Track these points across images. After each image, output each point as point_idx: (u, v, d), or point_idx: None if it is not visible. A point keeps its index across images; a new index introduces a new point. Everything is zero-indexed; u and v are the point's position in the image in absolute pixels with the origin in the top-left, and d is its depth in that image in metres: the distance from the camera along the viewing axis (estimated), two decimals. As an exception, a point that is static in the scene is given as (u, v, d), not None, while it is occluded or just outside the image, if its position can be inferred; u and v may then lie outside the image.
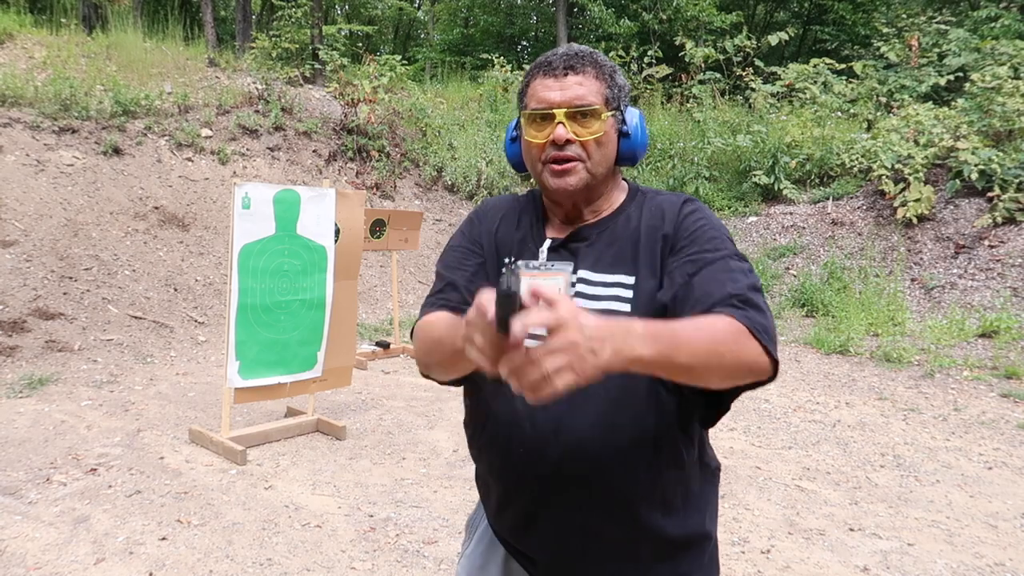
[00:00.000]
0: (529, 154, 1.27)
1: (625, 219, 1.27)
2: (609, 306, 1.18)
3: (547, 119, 1.21)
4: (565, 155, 1.20)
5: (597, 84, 1.22)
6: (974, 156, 8.17)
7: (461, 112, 11.46)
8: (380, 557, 2.90)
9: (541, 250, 1.28)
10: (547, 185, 1.24)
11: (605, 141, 1.23)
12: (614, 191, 1.31)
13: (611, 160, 1.26)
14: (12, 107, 7.36)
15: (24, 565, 2.72)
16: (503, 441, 1.22)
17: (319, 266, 4.19)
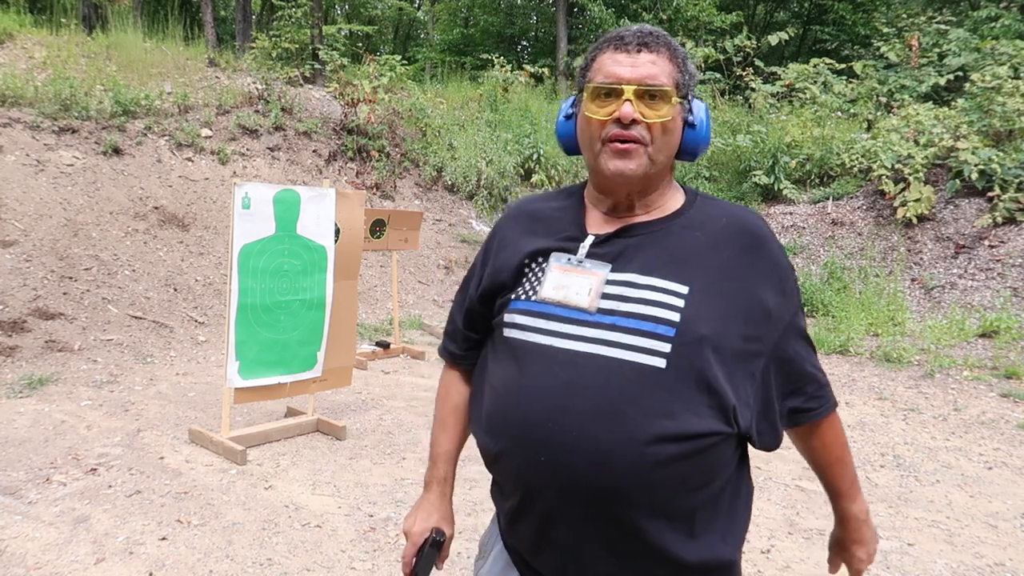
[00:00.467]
0: (587, 131, 1.17)
1: (685, 222, 1.18)
2: (655, 312, 1.09)
3: (613, 95, 1.13)
4: (628, 134, 1.12)
5: (670, 67, 1.15)
6: (974, 156, 8.17)
7: (461, 112, 11.46)
8: (380, 557, 2.90)
9: (582, 245, 1.19)
10: (603, 168, 1.15)
11: (672, 128, 1.15)
12: (669, 189, 1.23)
13: (674, 150, 1.18)
14: (12, 107, 7.36)
15: (24, 565, 2.72)
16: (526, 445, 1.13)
17: (319, 266, 4.19)
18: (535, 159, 10.73)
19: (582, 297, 1.13)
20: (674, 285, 1.11)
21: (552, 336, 1.13)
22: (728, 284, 1.12)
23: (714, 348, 1.08)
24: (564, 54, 16.83)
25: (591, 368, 1.08)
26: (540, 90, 13.27)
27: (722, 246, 1.15)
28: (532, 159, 10.71)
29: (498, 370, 1.22)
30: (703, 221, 1.18)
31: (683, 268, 1.13)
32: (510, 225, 1.31)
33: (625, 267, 1.14)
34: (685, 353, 1.07)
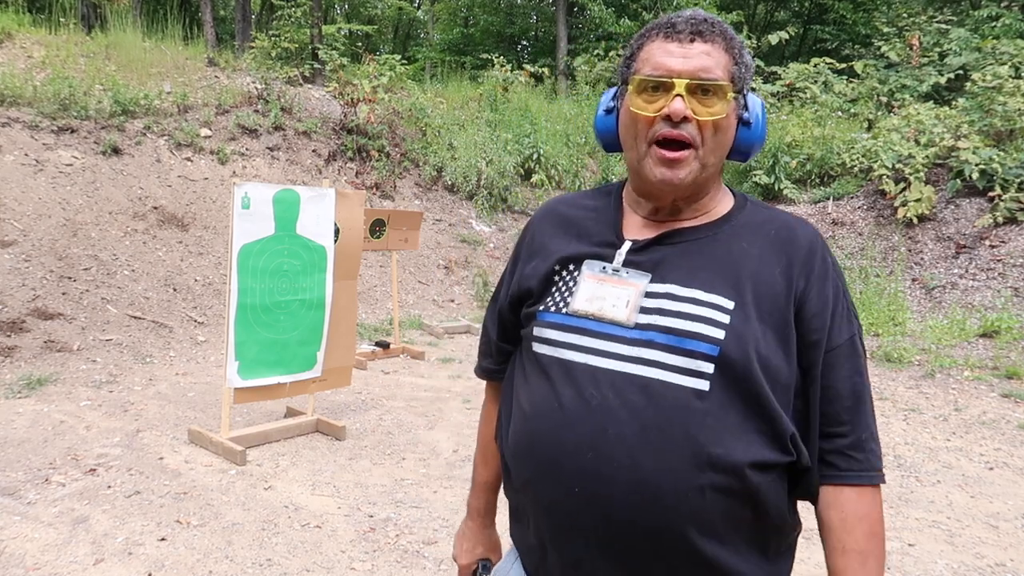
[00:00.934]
0: (632, 128, 1.05)
1: (732, 230, 1.08)
2: (697, 328, 0.99)
3: (663, 89, 1.01)
4: (678, 134, 1.01)
5: (725, 58, 1.04)
6: (975, 156, 8.16)
7: (461, 112, 11.45)
8: (380, 557, 2.89)
9: (619, 252, 1.08)
10: (648, 174, 1.04)
11: (725, 126, 1.04)
12: (719, 191, 1.12)
13: (726, 150, 1.07)
14: (11, 107, 7.35)
15: (23, 565, 2.71)
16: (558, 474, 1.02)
17: (319, 266, 4.18)
18: (535, 159, 10.72)
19: (619, 310, 1.04)
20: (719, 299, 1.01)
21: (586, 353, 1.04)
22: (774, 301, 1.02)
23: (763, 370, 0.98)
24: (564, 54, 16.82)
25: (630, 390, 0.99)
26: (540, 90, 13.26)
27: (770, 259, 1.05)
28: (532, 159, 10.70)
29: (526, 388, 1.12)
30: (752, 229, 1.08)
31: (729, 280, 1.03)
32: (541, 226, 1.22)
33: (666, 277, 1.05)
34: (730, 374, 0.97)
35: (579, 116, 12.24)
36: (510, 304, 1.20)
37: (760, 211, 1.12)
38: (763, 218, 1.10)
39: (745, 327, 0.99)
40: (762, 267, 1.04)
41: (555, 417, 1.03)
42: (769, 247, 1.06)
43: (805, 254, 1.06)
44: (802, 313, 1.02)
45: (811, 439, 1.03)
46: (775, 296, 1.02)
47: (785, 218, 1.11)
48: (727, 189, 1.15)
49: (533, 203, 10.49)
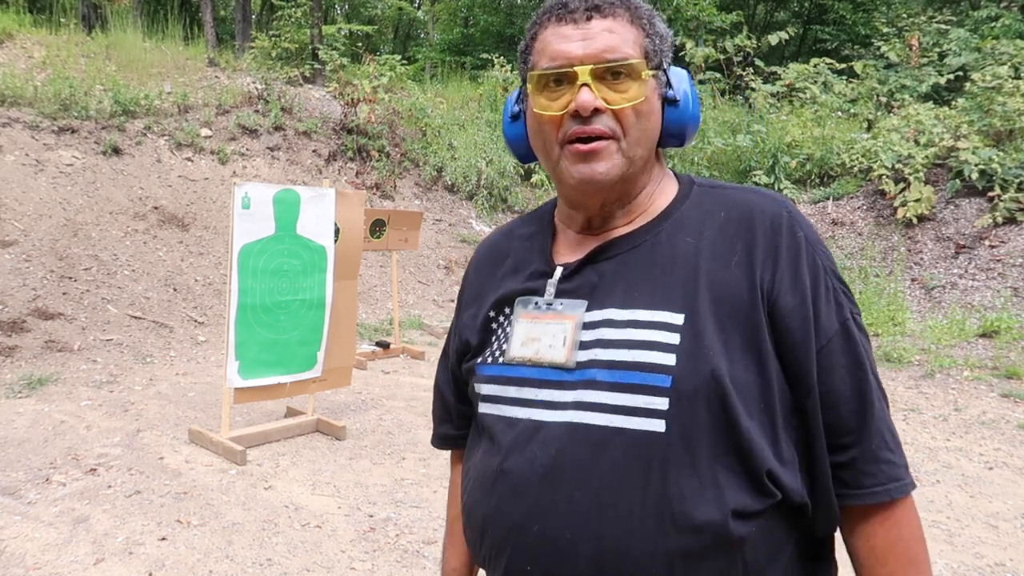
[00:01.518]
0: (540, 134, 0.91)
1: (674, 226, 0.91)
2: (643, 356, 0.83)
3: (565, 81, 0.87)
4: (592, 130, 0.85)
5: (633, 31, 0.88)
6: (974, 156, 8.16)
7: (461, 112, 11.45)
8: (380, 557, 2.90)
9: (549, 283, 0.94)
10: (567, 176, 0.89)
11: (647, 110, 0.88)
12: (659, 184, 0.95)
13: (654, 137, 0.91)
14: (11, 107, 7.35)
15: (24, 565, 2.72)
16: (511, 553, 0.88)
17: (319, 266, 4.19)
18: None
19: (556, 350, 0.89)
20: (663, 315, 0.84)
21: (527, 407, 0.90)
22: (734, 302, 0.84)
23: (727, 393, 0.81)
24: (564, 54, 16.81)
25: (577, 443, 0.84)
26: (540, 90, 13.24)
27: (723, 250, 0.87)
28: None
29: (474, 453, 0.99)
30: (698, 219, 0.91)
31: (674, 289, 0.86)
32: (478, 268, 1.08)
33: (604, 301, 0.89)
34: (689, 406, 0.81)
35: (579, 116, 12.22)
36: (457, 360, 1.06)
37: (708, 194, 0.94)
38: (711, 201, 0.92)
39: (700, 344, 0.82)
40: (714, 263, 0.86)
41: (500, 487, 0.89)
42: (720, 236, 0.88)
43: (767, 233, 0.87)
44: (776, 309, 0.84)
45: (818, 463, 0.86)
46: (734, 296, 0.84)
47: (739, 195, 0.92)
48: (672, 176, 0.98)
49: (533, 203, 10.50)
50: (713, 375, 0.81)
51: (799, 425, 0.86)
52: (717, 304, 0.84)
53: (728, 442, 0.82)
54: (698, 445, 0.82)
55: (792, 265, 0.86)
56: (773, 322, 0.84)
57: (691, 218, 0.91)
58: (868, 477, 0.85)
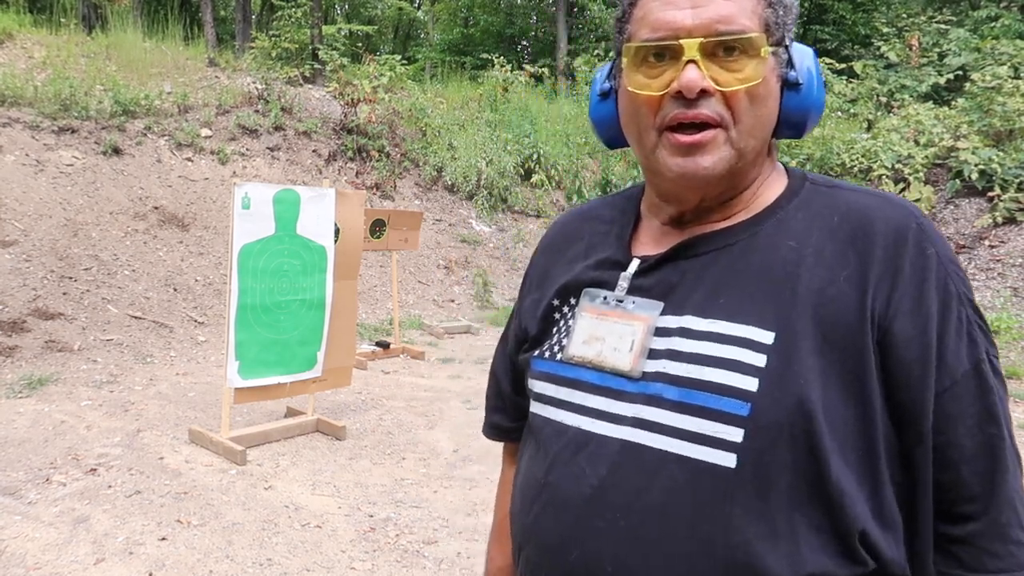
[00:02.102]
0: (634, 116, 0.78)
1: (777, 227, 0.77)
2: (720, 376, 0.71)
3: (668, 56, 0.74)
4: (696, 115, 0.73)
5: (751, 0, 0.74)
6: (974, 156, 8.17)
7: (461, 112, 11.46)
8: (380, 557, 2.90)
9: (623, 276, 0.83)
10: (663, 169, 0.76)
11: (763, 94, 0.75)
12: (766, 179, 0.82)
13: (769, 126, 0.77)
14: (12, 107, 7.35)
15: (24, 565, 2.72)
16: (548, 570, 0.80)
17: (319, 266, 4.19)
18: (535, 159, 10.73)
19: (621, 355, 0.78)
20: (750, 331, 0.72)
21: (578, 413, 0.80)
22: (838, 323, 0.70)
23: (817, 430, 0.68)
24: (564, 54, 16.84)
25: (630, 466, 0.74)
26: (540, 90, 13.27)
27: (832, 260, 0.73)
28: (532, 159, 10.71)
29: (524, 455, 0.90)
30: (806, 221, 0.77)
31: (767, 301, 0.73)
32: (548, 247, 0.98)
33: (682, 305, 0.77)
34: (768, 441, 0.69)
35: (579, 116, 12.24)
36: (515, 348, 0.97)
37: (821, 193, 0.79)
38: (824, 203, 0.78)
39: (790, 370, 0.69)
40: (819, 274, 0.73)
41: (542, 500, 0.80)
42: (830, 243, 0.74)
43: (888, 247, 0.72)
44: (889, 337, 0.70)
45: (920, 531, 0.72)
46: (840, 315, 0.70)
47: (858, 198, 0.77)
48: (781, 170, 0.84)
49: (533, 203, 10.50)
50: (801, 407, 0.68)
51: (905, 481, 0.72)
52: (818, 324, 0.71)
53: (813, 490, 0.68)
54: (774, 489, 0.69)
55: (916, 287, 0.71)
56: (884, 352, 0.70)
57: (797, 219, 0.77)
58: (993, 559, 0.70)
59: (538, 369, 0.87)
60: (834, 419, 0.69)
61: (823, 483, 0.68)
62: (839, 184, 0.81)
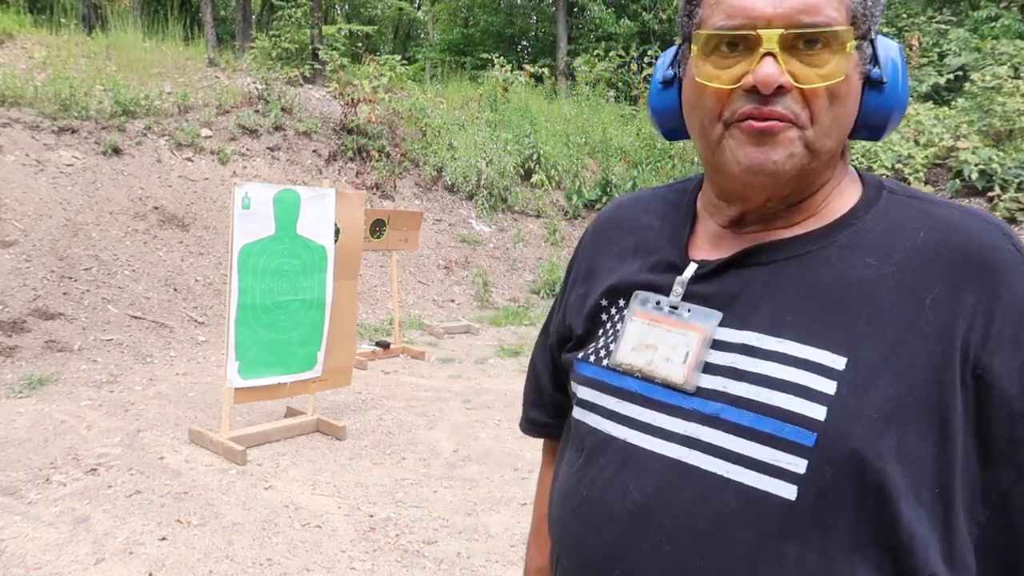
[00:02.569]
0: (699, 108, 0.72)
1: (852, 240, 0.71)
2: (787, 402, 0.66)
3: (742, 46, 0.68)
4: (771, 112, 0.67)
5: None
6: (974, 156, 8.17)
7: (461, 112, 11.46)
8: (380, 557, 2.90)
9: (678, 280, 0.77)
10: (729, 162, 0.70)
11: (844, 93, 0.68)
12: (838, 184, 0.75)
13: (847, 127, 0.71)
14: (12, 107, 7.35)
15: (24, 565, 2.72)
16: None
17: (319, 266, 4.19)
18: (535, 159, 10.73)
19: (674, 366, 0.73)
20: (821, 354, 0.66)
21: (627, 426, 0.76)
22: (919, 354, 0.64)
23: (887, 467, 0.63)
24: (564, 54, 16.84)
25: (680, 486, 0.70)
26: (540, 90, 13.27)
27: (915, 281, 0.67)
28: (532, 159, 10.71)
29: (564, 457, 0.86)
30: (886, 236, 0.70)
31: (839, 324, 0.67)
32: (595, 238, 0.92)
33: (745, 319, 0.72)
34: (833, 475, 0.64)
35: (579, 116, 12.25)
36: (558, 344, 0.93)
37: (902, 205, 0.72)
38: (906, 215, 0.71)
39: (863, 399, 0.64)
40: (900, 297, 0.66)
41: (583, 514, 0.77)
42: (913, 263, 0.67)
43: (982, 271, 0.65)
44: (988, 373, 0.64)
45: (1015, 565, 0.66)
46: (922, 344, 0.64)
47: (944, 213, 0.70)
48: (855, 175, 0.77)
49: (533, 203, 10.51)
50: (872, 441, 0.63)
51: (994, 522, 0.66)
52: (897, 352, 0.64)
53: (879, 530, 0.63)
54: (836, 526, 0.64)
55: (1018, 318, 0.64)
56: (978, 387, 0.64)
57: (876, 233, 0.70)
58: None
59: (582, 373, 0.82)
60: (908, 456, 0.63)
61: (892, 524, 0.63)
62: (920, 195, 0.74)
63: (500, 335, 7.17)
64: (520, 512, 3.35)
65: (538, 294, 8.92)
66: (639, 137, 11.98)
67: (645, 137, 11.85)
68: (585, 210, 10.82)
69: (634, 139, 11.97)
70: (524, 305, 8.54)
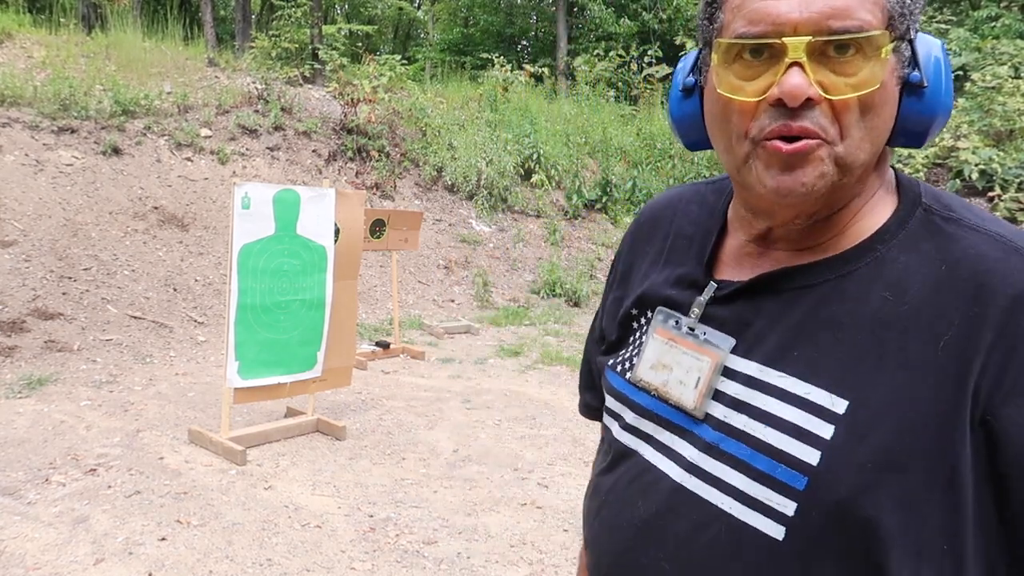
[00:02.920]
0: (723, 123, 0.68)
1: (873, 269, 0.66)
2: (782, 443, 0.65)
3: (767, 54, 0.63)
4: (800, 128, 0.62)
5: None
6: (974, 156, 8.17)
7: (461, 112, 11.45)
8: (380, 557, 2.89)
9: (698, 300, 0.76)
10: (756, 184, 0.66)
11: (879, 102, 0.63)
12: (872, 196, 0.70)
13: (883, 137, 0.65)
14: (11, 107, 7.35)
15: (23, 565, 2.71)
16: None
17: (319, 266, 4.18)
18: (535, 159, 10.72)
19: (687, 391, 0.73)
20: (821, 395, 0.64)
21: (644, 441, 0.77)
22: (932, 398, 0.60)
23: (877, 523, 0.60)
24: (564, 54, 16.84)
25: (678, 512, 0.71)
26: (540, 90, 13.27)
27: (931, 320, 0.62)
28: (532, 159, 10.71)
29: (598, 454, 0.90)
30: (908, 267, 0.65)
31: (844, 362, 0.64)
32: (633, 238, 0.91)
33: (753, 348, 0.70)
34: (820, 522, 0.62)
35: (579, 116, 12.24)
36: (598, 338, 0.94)
37: (934, 229, 0.66)
38: (935, 243, 0.65)
39: (861, 446, 0.61)
40: (914, 337, 0.62)
41: (601, 515, 0.80)
42: (933, 299, 0.62)
43: (1006, 312, 0.59)
44: (999, 421, 0.58)
45: None
46: (932, 390, 0.60)
47: (976, 243, 0.63)
48: (891, 185, 0.71)
49: (533, 203, 10.50)
50: (866, 489, 0.60)
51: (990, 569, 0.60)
52: (904, 396, 0.60)
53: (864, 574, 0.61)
54: (821, 571, 0.63)
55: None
56: (988, 437, 0.59)
57: (899, 263, 0.65)
58: None
59: (610, 383, 0.84)
60: (909, 506, 0.59)
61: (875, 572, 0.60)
62: (959, 216, 0.66)
63: (500, 335, 7.16)
64: (520, 512, 3.35)
65: (538, 294, 8.92)
66: (639, 137, 11.98)
67: (645, 137, 11.85)
68: (585, 210, 10.81)
69: (634, 139, 11.97)
70: (524, 305, 8.54)
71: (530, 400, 5.10)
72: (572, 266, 9.54)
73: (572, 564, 2.92)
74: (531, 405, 4.99)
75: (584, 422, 4.66)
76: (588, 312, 8.50)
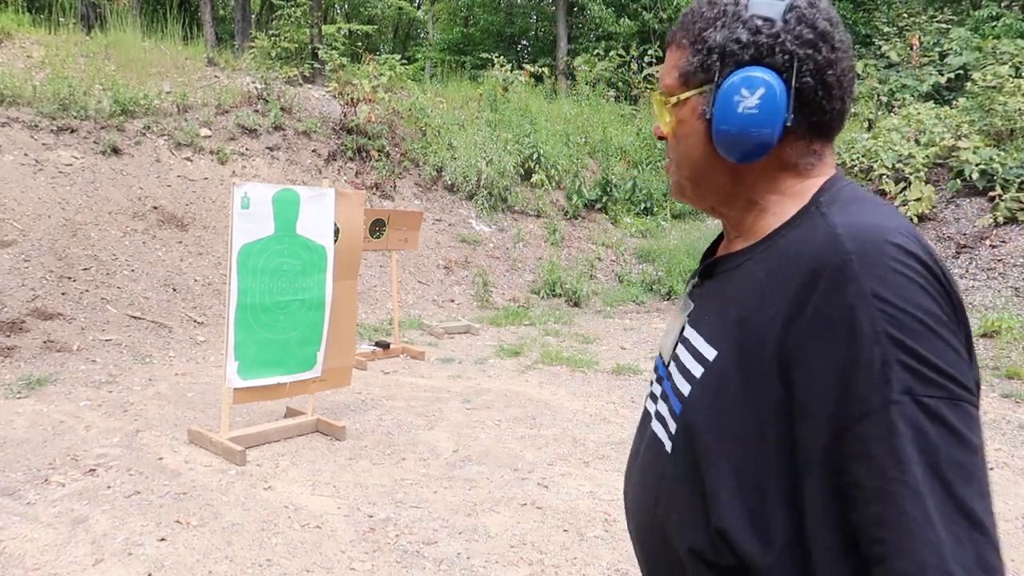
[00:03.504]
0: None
1: (765, 255, 0.84)
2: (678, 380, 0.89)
3: None
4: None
5: (678, 55, 0.89)
6: (975, 155, 8.16)
7: (461, 112, 11.44)
8: (380, 557, 2.89)
9: (691, 282, 1.01)
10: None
11: (681, 134, 0.90)
12: (774, 204, 0.87)
13: (694, 159, 0.89)
14: (10, 106, 7.34)
15: (23, 566, 2.71)
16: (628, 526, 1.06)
17: (318, 266, 4.18)
18: (535, 159, 10.72)
19: (666, 349, 0.98)
20: (705, 347, 0.85)
21: (649, 397, 1.01)
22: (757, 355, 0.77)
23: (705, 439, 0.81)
24: (564, 54, 16.83)
25: (648, 446, 0.95)
26: (540, 90, 13.26)
27: (769, 292, 0.78)
28: (532, 159, 10.70)
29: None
30: (783, 250, 0.81)
31: (723, 324, 0.84)
32: None
33: (694, 318, 0.93)
34: (685, 438, 0.85)
35: (579, 116, 12.23)
36: None
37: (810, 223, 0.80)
38: (802, 231, 0.81)
39: (710, 382, 0.82)
40: (758, 305, 0.79)
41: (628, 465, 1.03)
42: (777, 274, 0.79)
43: (803, 285, 0.74)
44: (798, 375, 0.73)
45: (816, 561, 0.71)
46: (757, 348, 0.77)
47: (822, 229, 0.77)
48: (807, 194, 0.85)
49: (533, 203, 10.49)
50: (702, 413, 0.83)
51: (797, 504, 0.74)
52: (743, 352, 0.79)
53: (696, 485, 0.83)
54: (686, 476, 0.85)
55: (820, 326, 0.71)
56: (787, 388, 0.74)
57: (780, 248, 0.82)
58: None
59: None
60: (727, 433, 0.79)
61: (703, 480, 0.81)
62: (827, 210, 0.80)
63: (500, 335, 7.16)
64: (520, 512, 3.34)
65: (538, 294, 8.91)
66: (639, 137, 11.97)
67: (645, 137, 11.84)
68: (585, 210, 10.81)
69: (634, 139, 11.96)
70: (524, 305, 8.53)
71: (530, 400, 5.10)
72: (572, 266, 9.53)
73: (572, 564, 2.91)
74: (531, 405, 4.99)
75: (584, 422, 4.65)
76: (588, 312, 8.49)
